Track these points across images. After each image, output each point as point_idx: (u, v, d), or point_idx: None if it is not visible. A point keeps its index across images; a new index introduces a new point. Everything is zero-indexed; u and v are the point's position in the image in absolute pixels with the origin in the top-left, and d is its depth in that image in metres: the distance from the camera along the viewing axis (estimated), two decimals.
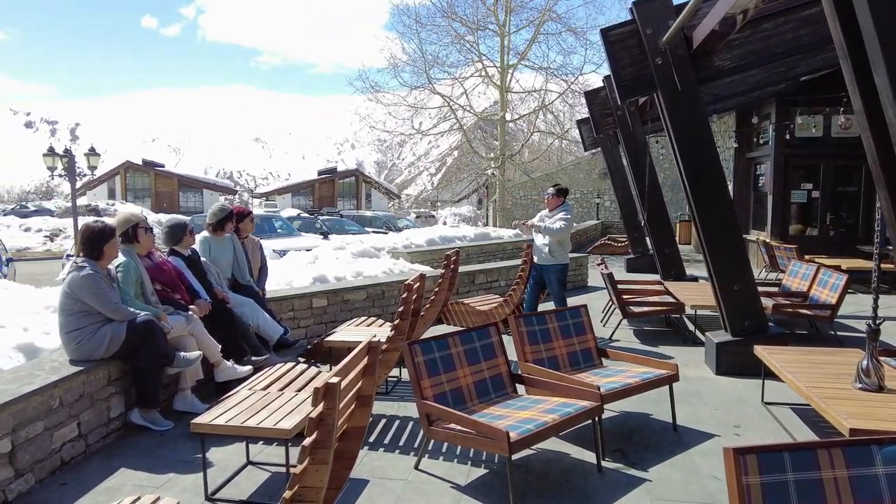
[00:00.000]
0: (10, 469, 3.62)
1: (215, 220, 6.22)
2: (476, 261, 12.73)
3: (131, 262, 4.86)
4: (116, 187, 51.95)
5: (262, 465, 4.08)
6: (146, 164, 55.31)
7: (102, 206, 38.04)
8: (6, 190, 71.39)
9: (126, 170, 52.93)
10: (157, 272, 5.19)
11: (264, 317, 5.96)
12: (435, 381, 3.95)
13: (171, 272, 5.33)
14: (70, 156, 14.39)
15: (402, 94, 23.41)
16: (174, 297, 5.17)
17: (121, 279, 4.75)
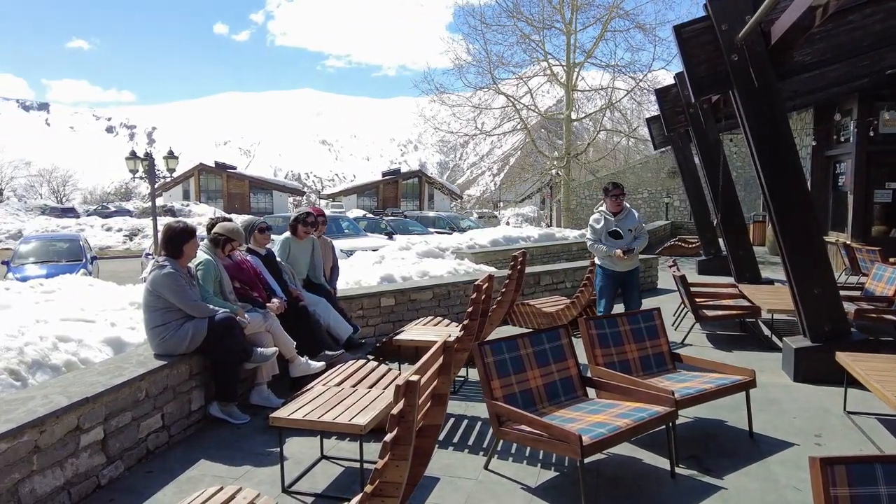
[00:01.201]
0: (103, 456, 3.83)
1: (293, 221, 6.51)
2: (540, 262, 12.65)
3: (211, 261, 5.06)
4: (191, 189, 54.05)
5: (335, 459, 4.18)
6: (218, 167, 57.38)
7: (178, 207, 39.70)
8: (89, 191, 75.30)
9: (200, 172, 55.00)
10: (236, 270, 5.38)
11: (335, 316, 6.11)
12: (505, 381, 3.95)
13: (249, 271, 5.51)
14: (150, 159, 15.08)
15: (466, 94, 23.49)
16: (252, 295, 5.36)
17: (200, 277, 4.95)
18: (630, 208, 6.89)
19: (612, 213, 6.75)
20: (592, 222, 6.84)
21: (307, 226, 6.47)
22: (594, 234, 6.77)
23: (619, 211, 6.76)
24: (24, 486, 3.30)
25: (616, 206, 6.73)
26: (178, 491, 3.77)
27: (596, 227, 6.78)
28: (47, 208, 40.90)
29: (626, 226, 6.71)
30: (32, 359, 4.42)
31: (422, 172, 65.10)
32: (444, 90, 23.21)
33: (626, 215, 6.79)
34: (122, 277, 12.97)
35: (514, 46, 23.30)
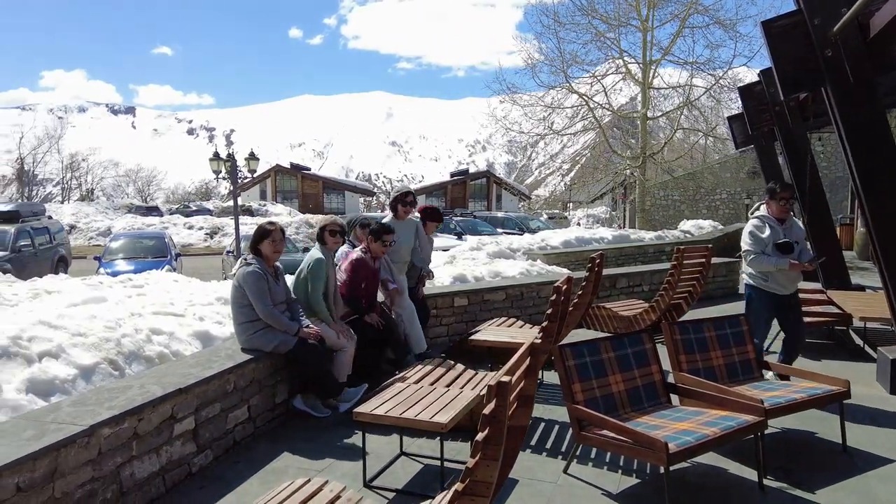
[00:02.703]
0: (194, 444, 4.00)
1: (390, 204, 6.36)
2: (614, 264, 12.41)
3: (322, 260, 5.16)
4: (267, 189, 55.77)
5: (414, 456, 4.22)
6: (293, 168, 59.03)
7: (255, 207, 41.03)
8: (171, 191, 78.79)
9: (276, 173, 56.69)
10: (364, 268, 5.50)
11: (416, 329, 6.04)
12: (586, 385, 3.90)
13: (372, 269, 5.60)
14: (232, 160, 15.67)
15: (538, 94, 23.30)
16: (358, 298, 5.43)
17: (311, 276, 5.09)
18: (792, 215, 5.67)
19: (778, 221, 5.45)
20: (753, 229, 5.46)
21: (407, 206, 6.24)
22: (756, 245, 5.39)
23: (786, 218, 5.49)
24: (125, 470, 3.49)
25: (784, 211, 5.43)
26: (263, 481, 3.89)
27: (760, 235, 5.39)
28: (133, 207, 43.03)
29: (793, 236, 5.43)
30: (129, 350, 4.66)
31: (490, 173, 65.05)
32: (516, 90, 23.12)
33: (793, 224, 5.55)
34: (203, 274, 13.49)
35: (588, 45, 22.96)
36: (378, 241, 5.64)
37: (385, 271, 5.93)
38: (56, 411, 3.45)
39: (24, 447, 2.97)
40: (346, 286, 5.54)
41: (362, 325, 5.54)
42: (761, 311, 5.51)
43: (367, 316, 5.57)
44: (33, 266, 14.74)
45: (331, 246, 5.36)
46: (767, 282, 5.44)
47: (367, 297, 5.66)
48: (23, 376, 4.10)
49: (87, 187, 64.82)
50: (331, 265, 5.29)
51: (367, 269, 5.60)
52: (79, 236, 31.41)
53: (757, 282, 5.50)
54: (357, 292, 5.51)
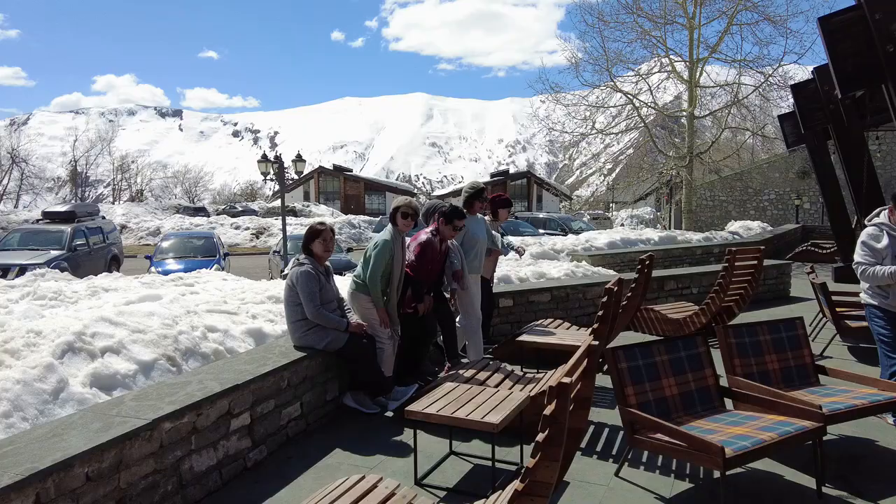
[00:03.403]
0: (249, 440, 4.10)
1: (464, 200, 6.24)
2: (661, 266, 12.21)
3: (388, 242, 5.16)
4: (311, 190, 56.55)
5: (464, 455, 4.24)
6: (336, 169, 59.76)
7: (299, 207, 41.67)
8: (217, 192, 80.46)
9: (319, 174, 57.46)
10: (434, 253, 5.48)
11: (477, 340, 5.95)
12: (639, 389, 3.85)
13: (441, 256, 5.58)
14: (280, 162, 15.96)
15: (582, 93, 23.07)
16: (422, 280, 5.39)
17: (374, 255, 5.11)
18: None
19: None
20: (868, 238, 4.80)
21: (484, 202, 6.28)
22: (872, 256, 4.74)
23: None
24: (185, 464, 3.59)
25: None
26: (316, 477, 3.96)
27: (875, 245, 4.74)
28: (181, 207, 44.11)
29: None
30: (185, 347, 4.80)
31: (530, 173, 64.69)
32: (559, 89, 22.93)
33: None
34: (250, 273, 13.76)
35: (633, 43, 22.64)
36: (449, 224, 5.53)
37: (455, 255, 5.78)
38: (120, 405, 3.57)
39: (93, 439, 3.08)
40: (411, 267, 5.45)
41: (410, 323, 5.53)
42: (887, 334, 4.75)
43: (420, 303, 5.44)
44: (88, 264, 15.25)
45: (401, 228, 5.31)
46: (888, 299, 4.74)
47: (427, 279, 5.51)
48: (87, 371, 4.26)
49: (136, 188, 66.69)
50: (399, 248, 5.24)
51: (434, 252, 5.48)
52: (129, 236, 32.34)
53: (877, 300, 4.82)
54: (422, 275, 5.42)
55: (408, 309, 5.43)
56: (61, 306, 6.63)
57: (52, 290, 7.10)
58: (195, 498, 3.65)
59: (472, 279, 6.01)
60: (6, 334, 4.70)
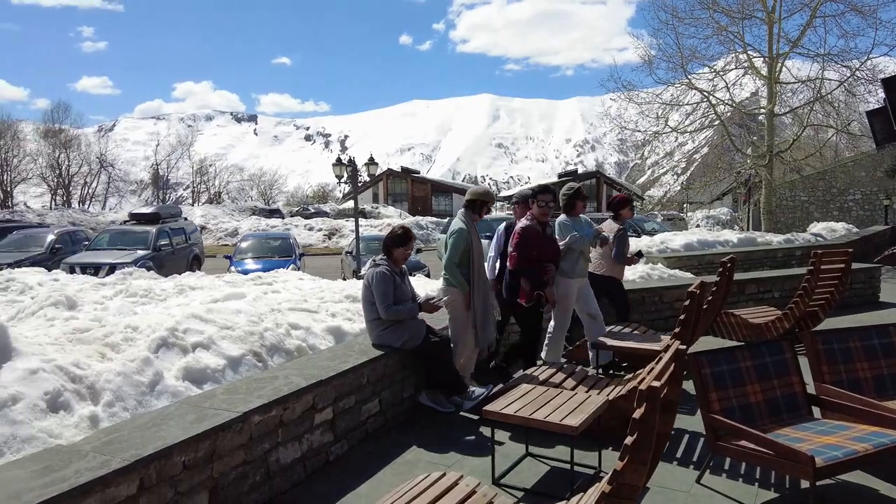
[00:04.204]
0: (331, 434, 4.23)
1: (565, 201, 6.06)
2: (740, 269, 11.80)
3: (465, 230, 5.22)
4: (379, 192, 57.50)
5: (540, 457, 4.24)
6: (404, 171, 60.54)
7: (368, 209, 42.43)
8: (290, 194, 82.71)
9: (387, 177, 58.34)
10: (536, 238, 5.41)
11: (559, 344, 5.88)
12: (723, 394, 3.77)
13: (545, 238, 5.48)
14: (353, 165, 16.32)
15: (656, 91, 22.50)
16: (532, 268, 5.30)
17: (451, 244, 5.20)
18: None
19: None
20: None
21: (584, 200, 6.20)
22: None
23: None
24: (272, 456, 3.75)
25: None
26: (396, 473, 4.05)
27: None
28: (257, 209, 45.65)
29: None
30: (271, 343, 4.99)
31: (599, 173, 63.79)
32: (631, 87, 22.45)
33: None
34: (323, 273, 14.11)
35: (709, 39, 21.94)
36: (534, 203, 5.43)
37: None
38: (212, 398, 3.76)
39: (189, 429, 3.26)
40: (515, 260, 5.35)
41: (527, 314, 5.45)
42: None
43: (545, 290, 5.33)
44: (171, 264, 15.99)
45: (476, 218, 5.37)
46: None
47: (539, 262, 5.35)
48: (180, 365, 4.50)
49: (214, 191, 69.41)
50: (475, 235, 5.27)
51: (535, 237, 5.38)
52: (208, 236, 33.68)
53: None
54: (527, 262, 5.29)
55: (523, 301, 5.34)
56: (151, 303, 7.01)
57: (142, 287, 7.51)
58: (281, 489, 3.80)
59: (578, 283, 5.85)
60: (105, 329, 5.01)
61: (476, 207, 5.33)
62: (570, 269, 5.77)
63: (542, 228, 5.47)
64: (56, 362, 4.17)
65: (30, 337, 4.83)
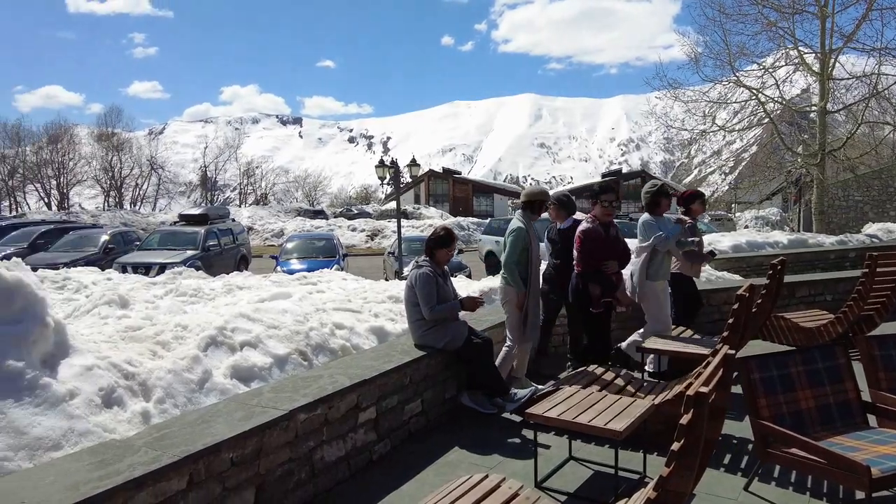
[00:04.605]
0: (375, 433, 4.27)
1: (649, 199, 5.82)
2: (790, 271, 11.48)
3: (523, 230, 5.24)
4: (421, 193, 57.79)
5: (583, 461, 4.21)
6: (445, 172, 60.70)
7: (410, 210, 42.67)
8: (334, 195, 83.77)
9: (429, 177, 58.59)
10: (599, 240, 5.30)
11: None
12: (772, 400, 3.67)
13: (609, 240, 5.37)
14: (395, 167, 16.45)
15: (702, 89, 22.07)
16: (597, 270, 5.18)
17: (509, 242, 5.21)
18: None
19: None
20: None
21: (669, 198, 6.04)
22: None
23: None
24: (317, 454, 3.80)
25: None
26: (438, 473, 4.06)
27: None
28: (302, 210, 46.35)
29: None
30: (316, 342, 5.07)
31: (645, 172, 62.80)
32: (678, 85, 22.06)
33: None
34: (366, 273, 14.22)
35: (757, 35, 21.40)
36: (597, 203, 5.27)
37: None
38: (259, 396, 3.83)
39: (237, 427, 3.33)
40: (580, 263, 5.24)
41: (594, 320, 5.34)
42: None
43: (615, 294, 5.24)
44: (219, 264, 16.34)
45: (534, 217, 5.36)
46: None
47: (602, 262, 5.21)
48: (228, 363, 4.61)
49: (260, 192, 70.76)
50: (533, 235, 5.28)
51: (598, 238, 5.26)
52: (255, 237, 34.33)
53: None
54: (594, 264, 5.19)
55: (594, 307, 5.22)
56: (200, 302, 7.19)
57: (192, 287, 7.71)
58: (325, 487, 3.86)
59: (662, 285, 5.71)
60: (157, 328, 5.16)
61: (534, 207, 5.35)
62: (654, 273, 5.60)
63: (605, 230, 5.33)
64: (110, 359, 4.32)
65: (85, 334, 5.00)
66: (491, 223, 22.01)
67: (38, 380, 3.86)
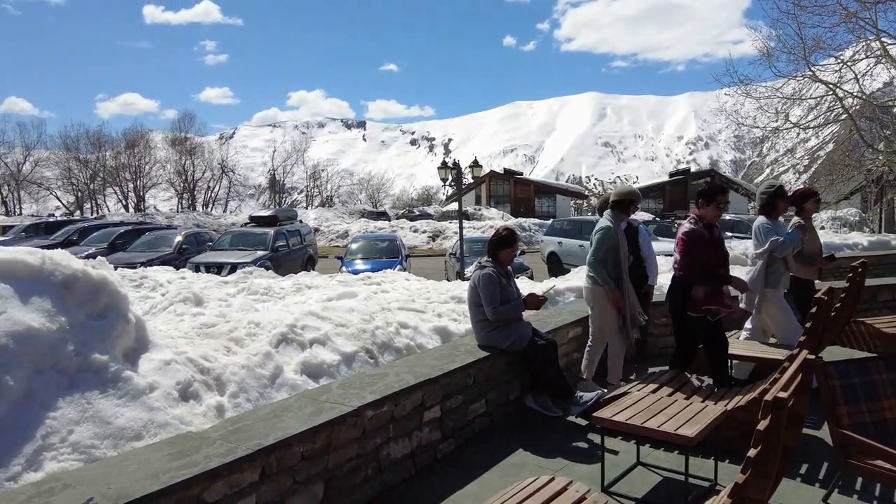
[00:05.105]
0: (439, 432, 4.31)
1: (765, 200, 5.59)
2: (871, 273, 10.92)
3: (611, 229, 5.23)
4: (482, 194, 57.70)
5: (652, 467, 4.12)
6: (506, 173, 60.44)
7: (470, 211, 42.70)
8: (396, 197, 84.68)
9: (490, 178, 58.44)
10: (703, 241, 5.02)
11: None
12: (853, 409, 3.50)
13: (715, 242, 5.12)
14: (458, 168, 16.51)
15: (776, 85, 21.21)
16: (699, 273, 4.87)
17: (596, 240, 5.21)
18: None
19: None
20: None
21: (786, 200, 5.78)
22: None
23: None
24: (383, 450, 3.86)
25: None
26: (503, 475, 4.05)
27: None
28: (365, 212, 47.07)
29: None
30: (381, 341, 5.15)
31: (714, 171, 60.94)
32: (749, 81, 21.26)
33: None
34: (428, 274, 14.31)
35: (835, 27, 20.43)
36: (711, 203, 5.00)
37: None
38: (328, 392, 3.92)
39: (307, 421, 3.42)
40: (682, 268, 4.95)
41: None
42: None
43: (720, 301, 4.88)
44: (288, 264, 16.77)
45: (623, 217, 5.34)
46: None
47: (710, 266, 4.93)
48: (298, 359, 4.73)
49: (326, 194, 72.26)
50: (620, 234, 5.26)
51: (702, 240, 4.99)
52: (320, 238, 35.04)
53: None
54: (695, 268, 4.88)
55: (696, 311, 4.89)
56: (270, 301, 7.40)
57: (262, 286, 7.95)
58: (391, 484, 3.91)
59: (780, 293, 5.46)
60: (230, 325, 5.35)
61: (623, 207, 5.33)
62: (775, 280, 5.38)
63: (709, 230, 5.10)
64: (187, 354, 4.50)
65: (163, 330, 5.23)
66: (553, 224, 21.78)
67: (120, 373, 4.06)
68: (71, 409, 3.73)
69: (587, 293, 5.39)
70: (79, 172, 57.08)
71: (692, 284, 4.85)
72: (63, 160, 56.63)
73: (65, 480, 2.69)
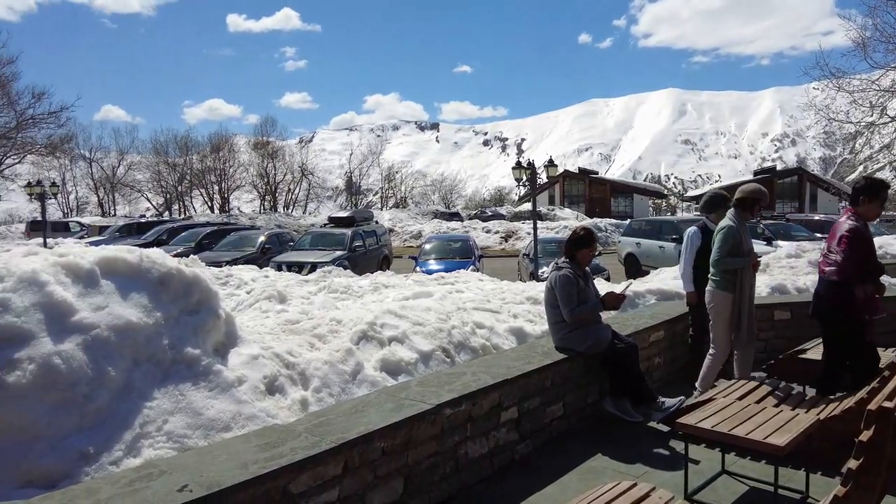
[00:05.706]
0: (517, 433, 4.30)
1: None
2: None
3: (733, 228, 5.09)
4: (556, 194, 57.10)
5: (738, 476, 3.97)
6: (581, 172, 59.54)
7: (544, 212, 42.30)
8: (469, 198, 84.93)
9: (564, 178, 57.74)
10: (865, 242, 4.71)
11: None
12: None
13: (872, 243, 4.79)
14: (532, 168, 16.40)
15: (872, 77, 20.02)
16: (858, 276, 4.54)
17: (719, 240, 5.08)
18: None
19: None
20: None
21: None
22: None
23: None
24: (461, 449, 3.89)
25: None
26: (582, 479, 4.00)
27: None
28: (438, 213, 47.42)
29: None
30: (457, 340, 5.18)
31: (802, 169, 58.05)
32: (841, 74, 20.15)
33: None
34: (500, 274, 14.27)
35: None
36: (876, 199, 4.66)
37: None
38: (407, 389, 3.98)
39: (388, 417, 3.48)
40: (841, 270, 4.59)
41: None
42: None
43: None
44: (364, 264, 17.11)
45: (746, 216, 5.18)
46: None
47: (867, 272, 4.63)
48: (377, 356, 4.83)
49: (400, 195, 73.28)
50: (744, 234, 5.11)
51: (865, 241, 4.62)
52: (395, 238, 35.55)
53: None
54: (857, 269, 4.55)
55: (860, 316, 4.63)
56: (350, 299, 7.58)
57: (342, 285, 8.15)
58: (469, 483, 3.93)
59: None
60: (313, 322, 5.51)
61: (747, 205, 5.15)
62: None
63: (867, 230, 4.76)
64: (273, 350, 4.67)
65: (249, 326, 5.45)
66: (631, 224, 21.30)
67: (211, 366, 4.25)
68: (165, 400, 3.93)
69: (707, 296, 5.25)
70: (167, 175, 60.06)
71: (850, 286, 4.53)
72: (153, 164, 59.71)
73: (161, 467, 2.84)
